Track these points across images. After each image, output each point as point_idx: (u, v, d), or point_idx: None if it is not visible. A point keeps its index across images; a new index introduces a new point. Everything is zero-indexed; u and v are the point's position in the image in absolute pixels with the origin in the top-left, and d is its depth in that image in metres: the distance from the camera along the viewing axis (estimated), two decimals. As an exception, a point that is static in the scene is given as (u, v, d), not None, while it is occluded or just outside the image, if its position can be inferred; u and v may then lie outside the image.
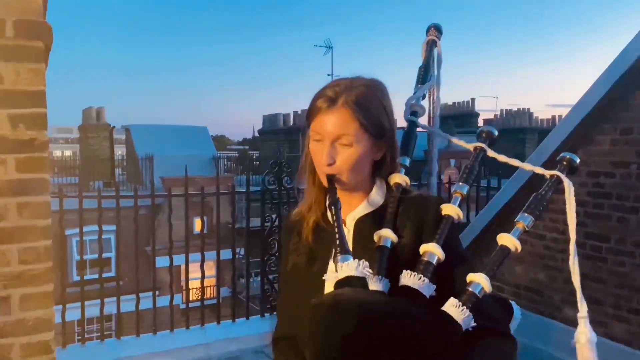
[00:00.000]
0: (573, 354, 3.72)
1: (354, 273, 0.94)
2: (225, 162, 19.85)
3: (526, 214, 1.03)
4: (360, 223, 1.09)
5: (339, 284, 0.94)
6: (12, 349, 1.71)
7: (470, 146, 1.15)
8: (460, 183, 1.10)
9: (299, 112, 21.17)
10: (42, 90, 1.72)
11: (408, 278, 0.97)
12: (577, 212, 3.75)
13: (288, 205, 4.22)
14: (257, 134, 26.88)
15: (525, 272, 4.25)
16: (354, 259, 0.97)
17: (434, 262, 0.98)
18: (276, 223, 4.25)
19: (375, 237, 1.03)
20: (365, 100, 1.03)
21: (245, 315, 4.23)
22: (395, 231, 1.04)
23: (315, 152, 1.06)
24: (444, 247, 1.00)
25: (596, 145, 3.68)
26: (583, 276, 3.73)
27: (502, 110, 25.22)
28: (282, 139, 20.76)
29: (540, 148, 4.03)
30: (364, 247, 1.03)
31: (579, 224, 3.74)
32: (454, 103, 28.89)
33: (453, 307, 0.94)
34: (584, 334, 1.00)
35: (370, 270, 0.96)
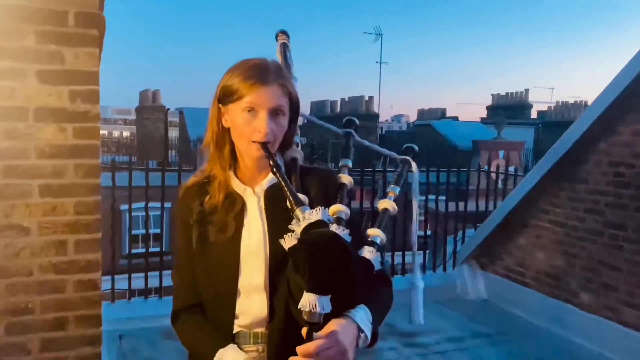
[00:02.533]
0: (589, 339, 3.91)
1: (321, 218, 1.10)
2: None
3: (393, 185, 1.32)
4: (269, 192, 1.23)
5: (312, 225, 1.09)
6: (67, 284, 2.08)
7: (340, 131, 1.47)
8: (343, 159, 1.37)
9: (346, 99, 21.34)
10: (96, 71, 2.05)
11: (334, 229, 1.09)
12: (597, 201, 3.90)
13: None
14: (305, 121, 27.14)
15: (546, 258, 4.37)
16: (267, 224, 1.20)
17: (344, 217, 1.20)
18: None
19: (289, 202, 1.13)
20: (290, 79, 1.24)
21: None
22: None
23: (247, 122, 1.16)
24: None
25: (618, 135, 3.75)
26: (600, 263, 3.90)
27: (557, 102, 24.51)
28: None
29: (564, 138, 4.12)
30: (275, 214, 1.20)
31: (598, 212, 3.91)
32: (507, 93, 28.25)
33: (369, 253, 1.18)
34: (420, 281, 1.37)
35: (332, 217, 1.15)
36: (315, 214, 1.09)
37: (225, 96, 1.19)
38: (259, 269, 1.21)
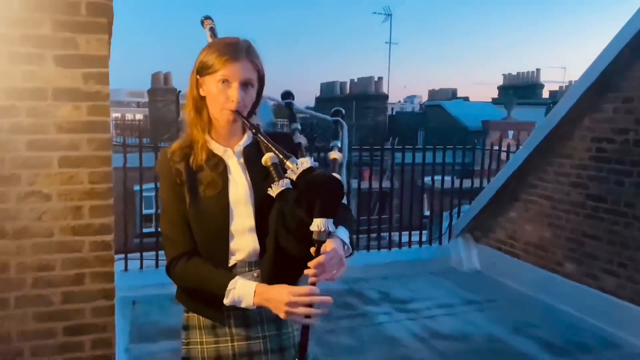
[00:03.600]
0: (572, 305, 4.22)
1: (310, 165, 1.37)
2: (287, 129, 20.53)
3: (333, 140, 1.60)
4: (246, 151, 1.49)
5: (305, 172, 1.35)
6: (83, 245, 2.35)
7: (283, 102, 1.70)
8: (292, 124, 1.62)
9: (356, 80, 21.43)
10: (105, 55, 2.30)
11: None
12: (581, 175, 4.14)
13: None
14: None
15: (534, 230, 4.59)
16: (250, 178, 1.46)
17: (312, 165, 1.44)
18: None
19: (264, 159, 1.41)
20: (259, 56, 1.46)
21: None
22: None
23: (222, 92, 1.39)
24: None
25: (601, 112, 3.93)
26: (582, 234, 4.18)
27: (570, 81, 24.36)
28: (338, 106, 21.12)
29: (551, 114, 4.31)
30: (255, 169, 1.46)
31: (582, 186, 4.16)
32: (518, 73, 28.09)
33: None
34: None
35: (316, 163, 1.42)
36: (305, 163, 1.37)
37: (203, 69, 1.41)
38: (248, 214, 1.45)
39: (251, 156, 1.48)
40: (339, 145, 1.58)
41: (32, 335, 2.33)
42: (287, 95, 1.70)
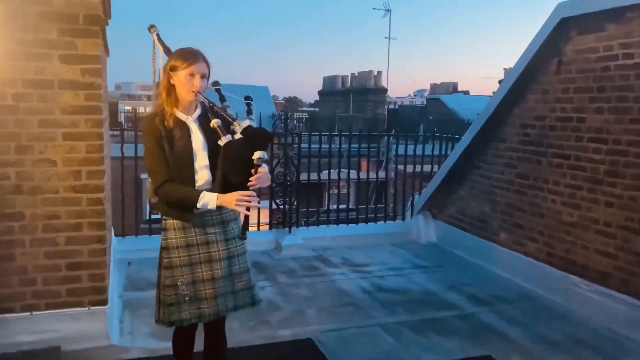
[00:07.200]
0: (503, 269, 5.14)
1: (250, 124, 2.20)
2: (295, 123, 21.35)
3: (249, 115, 2.36)
4: (199, 118, 2.31)
5: (247, 128, 2.18)
6: (81, 201, 3.06)
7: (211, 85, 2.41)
8: (223, 102, 2.38)
9: (356, 74, 22.05)
10: (98, 55, 2.99)
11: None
12: (511, 156, 4.95)
13: (292, 144, 5.50)
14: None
15: (477, 206, 5.25)
16: (204, 135, 2.26)
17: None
18: (282, 159, 5.50)
19: (212, 123, 2.23)
20: (207, 58, 2.26)
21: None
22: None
23: (189, 81, 2.18)
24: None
25: (526, 102, 4.58)
26: (512, 207, 5.06)
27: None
28: (339, 99, 21.80)
29: (489, 104, 4.97)
30: (206, 129, 2.26)
31: (512, 166, 5.01)
32: (519, 68, 28.40)
33: None
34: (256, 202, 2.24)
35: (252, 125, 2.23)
36: (247, 122, 2.22)
37: (175, 67, 2.22)
38: (204, 157, 2.29)
39: (202, 121, 2.32)
40: (253, 118, 2.35)
41: (43, 268, 3.05)
42: (216, 83, 2.46)
